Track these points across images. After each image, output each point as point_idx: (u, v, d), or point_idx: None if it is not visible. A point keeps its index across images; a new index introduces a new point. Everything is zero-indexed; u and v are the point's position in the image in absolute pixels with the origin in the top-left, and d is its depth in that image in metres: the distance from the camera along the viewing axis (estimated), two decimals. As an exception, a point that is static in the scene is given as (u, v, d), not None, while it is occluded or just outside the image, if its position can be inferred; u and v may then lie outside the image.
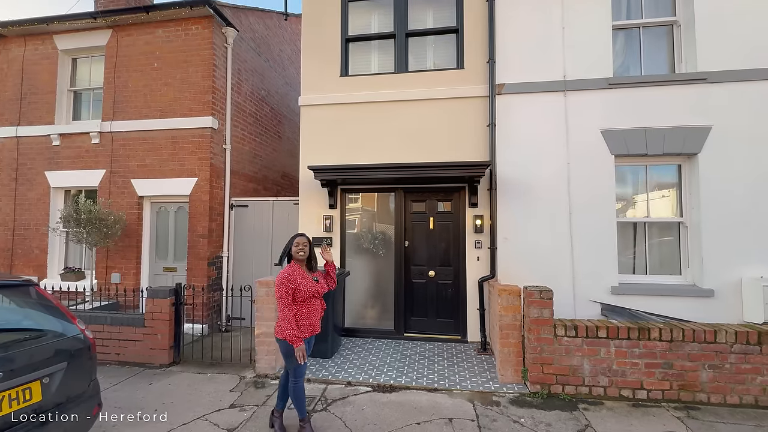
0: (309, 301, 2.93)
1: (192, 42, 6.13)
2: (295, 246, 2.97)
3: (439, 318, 5.34)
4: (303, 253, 2.98)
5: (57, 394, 2.35)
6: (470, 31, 5.34)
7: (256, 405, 3.57)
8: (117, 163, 6.24)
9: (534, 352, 3.73)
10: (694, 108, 4.74)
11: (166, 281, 6.15)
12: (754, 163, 4.59)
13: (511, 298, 3.99)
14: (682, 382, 3.50)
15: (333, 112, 5.62)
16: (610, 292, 4.76)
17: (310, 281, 2.96)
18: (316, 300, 3.00)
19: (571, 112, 4.99)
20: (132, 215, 6.14)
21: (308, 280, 2.95)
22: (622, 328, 3.59)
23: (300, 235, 3.07)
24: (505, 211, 5.04)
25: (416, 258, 5.46)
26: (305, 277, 2.95)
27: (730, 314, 4.50)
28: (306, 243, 3.02)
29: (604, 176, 4.88)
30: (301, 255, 2.97)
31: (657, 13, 5.17)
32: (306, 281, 2.93)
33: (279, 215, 6.38)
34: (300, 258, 2.98)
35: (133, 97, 6.26)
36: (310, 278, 2.97)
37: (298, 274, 2.91)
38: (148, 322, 4.57)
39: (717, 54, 4.73)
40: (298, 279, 2.88)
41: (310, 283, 2.95)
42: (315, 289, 2.95)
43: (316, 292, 2.96)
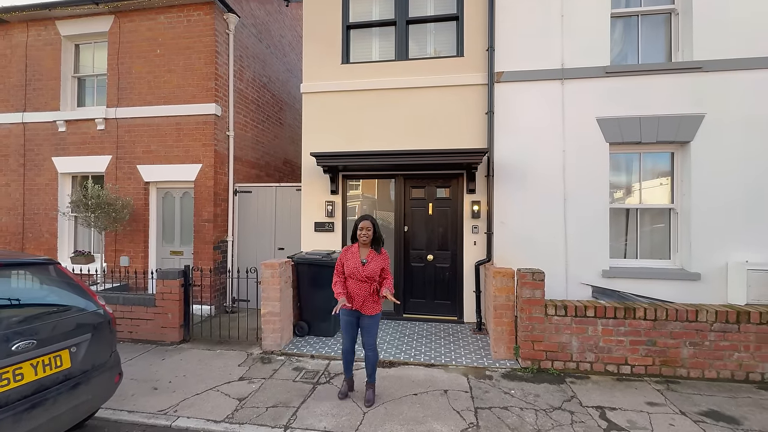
0: (351, 280, 3.15)
1: (194, 28, 6.17)
2: (360, 230, 3.17)
3: (437, 300, 5.56)
4: (366, 237, 3.16)
5: (83, 361, 2.57)
6: (470, 18, 5.39)
7: (263, 378, 3.80)
8: (123, 149, 6.36)
9: (526, 330, 3.95)
10: (689, 96, 4.84)
11: (173, 264, 6.35)
12: (745, 151, 4.72)
13: (505, 280, 4.18)
14: (664, 358, 3.72)
15: (334, 100, 5.71)
16: (601, 276, 4.95)
17: (357, 262, 3.14)
18: (358, 282, 3.13)
19: (568, 100, 5.09)
20: (139, 200, 6.30)
21: (356, 260, 3.14)
22: (609, 307, 3.79)
23: (364, 218, 3.20)
24: (502, 197, 5.19)
25: (415, 242, 5.64)
26: (355, 257, 3.17)
27: (716, 297, 4.70)
28: (369, 228, 3.15)
29: (599, 164, 5.01)
30: (364, 240, 3.16)
31: (656, 1, 5.20)
32: (353, 261, 3.15)
33: (282, 201, 6.54)
34: (363, 242, 3.17)
35: (136, 84, 6.35)
36: (358, 259, 3.15)
37: (350, 253, 3.20)
38: (158, 302, 4.79)
39: (712, 43, 4.80)
40: (347, 257, 3.19)
41: (356, 263, 3.14)
42: (356, 270, 3.12)
43: (355, 273, 3.11)
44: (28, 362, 2.24)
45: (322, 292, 4.86)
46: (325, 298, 4.86)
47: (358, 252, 3.21)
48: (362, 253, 3.21)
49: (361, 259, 3.17)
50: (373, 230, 3.17)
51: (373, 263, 3.16)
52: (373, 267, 3.14)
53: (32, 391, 2.23)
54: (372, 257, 3.18)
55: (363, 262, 3.15)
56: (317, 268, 4.86)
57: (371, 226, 3.16)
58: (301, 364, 4.15)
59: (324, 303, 4.87)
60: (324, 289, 4.86)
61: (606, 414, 3.11)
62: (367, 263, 3.15)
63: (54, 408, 2.31)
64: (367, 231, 3.15)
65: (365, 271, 3.12)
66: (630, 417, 3.06)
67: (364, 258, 3.17)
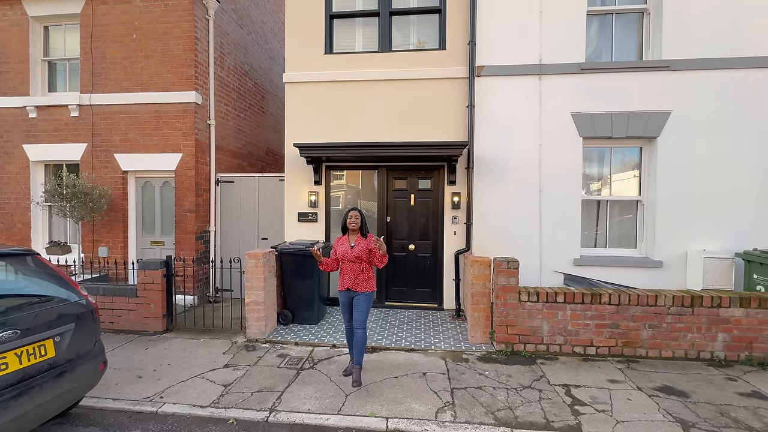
0: (344, 262, 3.57)
1: (172, 13, 6.00)
2: (349, 219, 3.59)
3: (418, 288, 5.74)
4: (354, 224, 3.59)
5: (68, 351, 2.60)
6: (452, 11, 5.46)
7: (248, 365, 3.90)
8: (99, 137, 6.19)
9: (500, 316, 4.17)
10: (657, 94, 5.09)
11: (153, 255, 6.30)
12: (706, 148, 5.02)
13: (482, 268, 4.38)
14: (626, 339, 4.02)
15: (317, 90, 5.72)
16: (573, 264, 5.24)
17: (346, 245, 3.58)
18: (348, 263, 3.55)
19: (545, 95, 5.26)
20: (117, 190, 6.17)
21: (345, 244, 3.59)
22: (578, 293, 4.04)
23: (353, 209, 3.65)
24: (481, 189, 5.37)
25: (397, 232, 5.78)
26: (345, 243, 3.60)
27: (676, 283, 5.06)
28: (357, 216, 3.59)
29: (573, 157, 5.24)
30: (353, 226, 3.59)
31: (630, 0, 5.40)
32: (343, 245, 3.60)
33: (265, 191, 6.53)
34: (352, 228, 3.59)
35: (112, 70, 6.15)
36: (347, 243, 3.58)
37: (341, 240, 3.65)
38: (140, 292, 4.78)
39: (680, 42, 5.04)
40: (338, 243, 3.64)
41: (346, 247, 3.57)
42: (345, 252, 3.54)
43: (346, 254, 3.54)
44: (11, 351, 2.27)
45: (305, 281, 4.96)
46: (309, 287, 4.98)
47: (348, 239, 3.64)
48: (351, 239, 3.62)
49: (350, 243, 3.59)
50: (360, 218, 3.61)
51: (359, 245, 3.55)
52: (360, 248, 3.54)
53: (18, 380, 2.27)
54: (359, 241, 3.58)
55: (351, 245, 3.57)
56: (301, 258, 4.94)
57: (359, 215, 3.61)
58: (286, 351, 4.26)
59: (308, 291, 4.99)
60: (308, 278, 4.96)
61: (571, 391, 3.36)
62: (355, 246, 3.56)
63: (40, 396, 2.35)
64: (355, 219, 3.59)
65: (354, 252, 3.53)
66: (592, 393, 3.32)
67: (353, 242, 3.59)
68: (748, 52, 4.95)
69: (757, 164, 4.98)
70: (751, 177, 4.99)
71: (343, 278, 3.59)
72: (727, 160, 5.01)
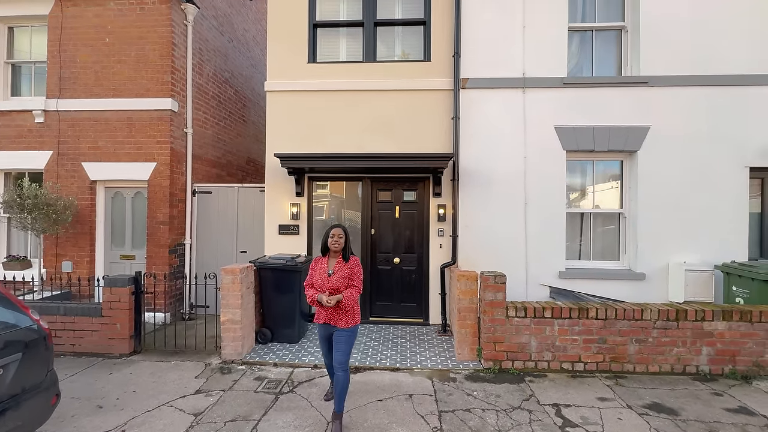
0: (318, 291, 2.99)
1: (148, 17, 5.77)
2: (331, 238, 3.03)
3: (403, 302, 5.59)
4: (337, 245, 3.02)
5: (12, 385, 2.31)
6: (437, 24, 5.46)
7: (222, 390, 3.63)
8: (66, 144, 5.83)
9: (488, 332, 4.06)
10: (636, 109, 5.19)
11: (123, 269, 5.92)
12: (683, 162, 5.13)
13: (469, 283, 4.28)
14: (614, 354, 3.97)
15: (300, 99, 5.58)
16: (558, 276, 5.21)
17: (323, 273, 3.00)
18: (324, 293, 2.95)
19: (529, 108, 5.29)
20: (84, 200, 5.81)
21: (322, 271, 3.02)
22: (565, 308, 3.98)
23: (336, 226, 3.09)
24: (467, 201, 5.31)
25: (382, 245, 5.63)
26: (322, 268, 3.04)
27: (659, 295, 5.09)
28: (341, 235, 3.03)
29: (557, 170, 5.26)
30: (335, 248, 3.03)
31: (608, 18, 5.53)
32: (319, 273, 3.02)
33: (244, 202, 6.29)
34: (334, 250, 3.04)
35: (82, 74, 5.84)
36: (325, 270, 3.02)
37: (318, 264, 3.09)
38: (105, 311, 4.44)
39: (657, 60, 5.18)
40: (315, 268, 3.08)
41: (322, 275, 3.00)
42: (321, 283, 2.97)
43: (320, 286, 2.97)
44: (-58, 389, 1.98)
45: (286, 297, 4.74)
46: (289, 303, 4.75)
47: (327, 263, 3.07)
48: (330, 264, 3.07)
49: (327, 270, 3.03)
50: (345, 238, 3.04)
51: (339, 273, 2.99)
52: (339, 277, 2.97)
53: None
54: (339, 267, 3.03)
55: (329, 273, 3.01)
56: (281, 273, 4.72)
57: (343, 234, 3.04)
58: (264, 373, 4.01)
59: (288, 308, 4.76)
60: (288, 293, 4.74)
61: (561, 411, 3.26)
62: (333, 274, 3.00)
63: (-25, 439, 2.06)
64: (339, 238, 3.02)
65: (330, 283, 2.95)
66: (583, 413, 3.22)
67: (332, 269, 3.03)
68: (719, 70, 5.12)
69: (731, 178, 5.11)
70: (725, 191, 5.11)
71: (319, 309, 3.02)
72: (703, 173, 5.12)
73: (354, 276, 3.03)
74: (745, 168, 5.09)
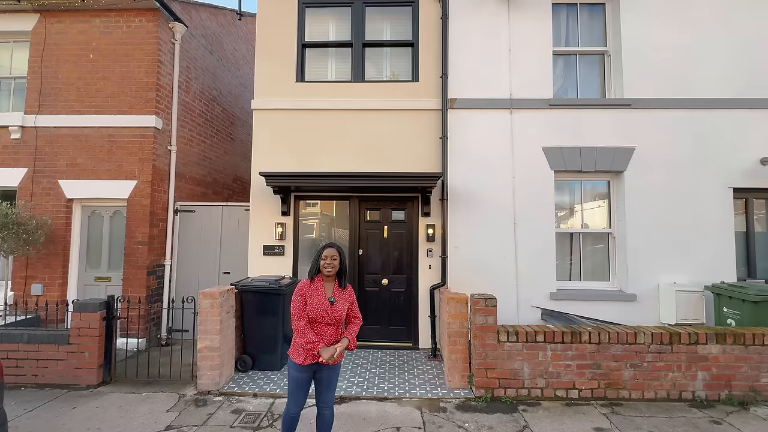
0: (317, 325, 2.56)
1: (135, 35, 5.72)
2: (323, 260, 2.61)
3: (392, 326, 5.40)
4: (332, 268, 2.61)
5: (-49, 428, 2.06)
6: (425, 46, 5.52)
7: (195, 425, 3.36)
8: (42, 161, 5.63)
9: (479, 358, 3.90)
10: (620, 130, 5.26)
11: (98, 292, 5.62)
12: (667, 182, 5.18)
13: (459, 306, 4.14)
14: (608, 380, 3.83)
15: (287, 118, 5.52)
16: (549, 298, 5.11)
17: (324, 301, 2.57)
18: (324, 326, 2.57)
19: (517, 128, 5.32)
20: (59, 220, 5.55)
21: (322, 298, 2.57)
22: (557, 332, 3.86)
23: (329, 246, 2.69)
24: (456, 221, 5.24)
25: (370, 266, 5.48)
26: (320, 294, 2.59)
27: (650, 316, 5.02)
28: (335, 257, 2.62)
29: (545, 189, 5.25)
30: (329, 271, 2.61)
31: (591, 42, 5.68)
32: (318, 299, 2.56)
33: (229, 221, 6.11)
34: (327, 274, 2.62)
35: (63, 90, 5.70)
36: (325, 297, 2.59)
37: (314, 289, 2.60)
38: (73, 338, 4.15)
39: (639, 83, 5.30)
40: (311, 294, 2.58)
41: (323, 303, 2.56)
42: (323, 311, 2.53)
43: (323, 315, 2.53)
44: None
45: (268, 322, 4.52)
46: (272, 328, 4.54)
47: (323, 288, 2.62)
48: (327, 289, 2.64)
49: (328, 297, 2.60)
50: (339, 260, 2.64)
51: (341, 301, 2.62)
52: (342, 306, 2.61)
53: None
54: (338, 294, 2.64)
55: (331, 300, 2.59)
56: (264, 296, 4.52)
57: (337, 255, 2.63)
58: (242, 405, 3.75)
59: (271, 333, 4.54)
60: (271, 317, 4.53)
61: (557, 444, 3.09)
62: (336, 302, 2.59)
63: None
64: (333, 260, 2.61)
65: (335, 312, 2.55)
66: (579, 446, 3.06)
67: (331, 295, 2.62)
68: (699, 94, 5.25)
69: (715, 199, 5.16)
70: (709, 211, 5.15)
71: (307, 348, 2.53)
72: (687, 194, 5.16)
73: (353, 305, 2.71)
74: (729, 188, 5.15)
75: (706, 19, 5.31)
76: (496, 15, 5.42)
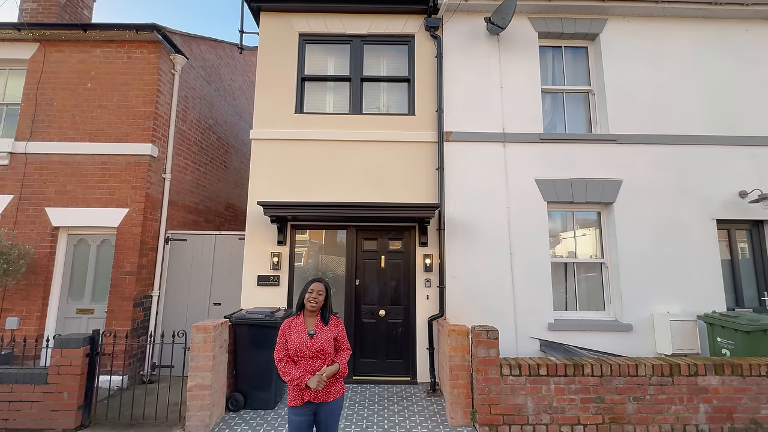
0: (301, 361, 2.53)
1: (135, 65, 5.79)
2: (309, 293, 2.66)
3: (389, 359, 5.25)
4: (315, 303, 2.65)
5: None
6: (421, 81, 5.75)
7: (184, 473, 3.12)
8: (29, 188, 5.47)
9: (482, 393, 3.80)
10: (608, 164, 5.49)
11: (78, 325, 5.34)
12: (654, 213, 5.36)
13: (460, 339, 4.08)
14: (613, 415, 3.77)
15: (286, 148, 5.57)
16: (547, 329, 5.09)
17: (303, 334, 2.56)
18: (308, 360, 2.52)
19: (510, 161, 5.49)
20: (42, 249, 5.34)
21: (302, 333, 2.57)
22: (560, 365, 3.82)
23: (316, 280, 2.74)
24: (453, 251, 5.26)
25: (367, 297, 5.40)
26: (300, 329, 2.59)
27: (647, 346, 5.04)
28: (321, 292, 2.67)
29: (539, 220, 5.36)
30: (312, 306, 2.64)
31: (576, 81, 6.01)
32: (297, 334, 2.56)
33: (222, 251, 5.98)
34: (310, 308, 2.66)
35: (58, 117, 5.66)
36: (304, 331, 2.58)
37: (293, 326, 2.62)
38: (52, 377, 3.88)
39: (623, 120, 5.59)
40: (290, 330, 2.59)
41: (302, 337, 2.55)
42: (302, 345, 2.52)
43: (303, 349, 2.51)
44: None
45: (262, 356, 4.34)
46: (267, 363, 4.34)
47: (304, 323, 2.64)
48: (308, 323, 2.65)
49: (308, 330, 2.61)
50: (324, 295, 2.69)
51: (322, 333, 2.61)
52: (323, 338, 2.59)
53: None
54: (320, 327, 2.65)
55: (311, 333, 2.59)
56: (258, 329, 4.37)
57: (323, 290, 2.69)
58: (234, 448, 3.52)
59: (265, 368, 4.35)
60: (265, 350, 4.35)
61: (567, 485, 2.98)
62: (316, 334, 2.59)
63: None
64: (318, 295, 2.66)
65: (315, 344, 2.54)
66: (590, 487, 2.96)
67: (312, 329, 2.63)
68: (679, 130, 5.55)
69: (699, 229, 5.34)
70: (695, 241, 5.31)
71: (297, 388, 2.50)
72: (674, 225, 5.34)
73: (340, 337, 2.71)
74: (713, 220, 5.37)
75: (679, 63, 5.73)
76: (488, 55, 5.73)
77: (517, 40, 5.76)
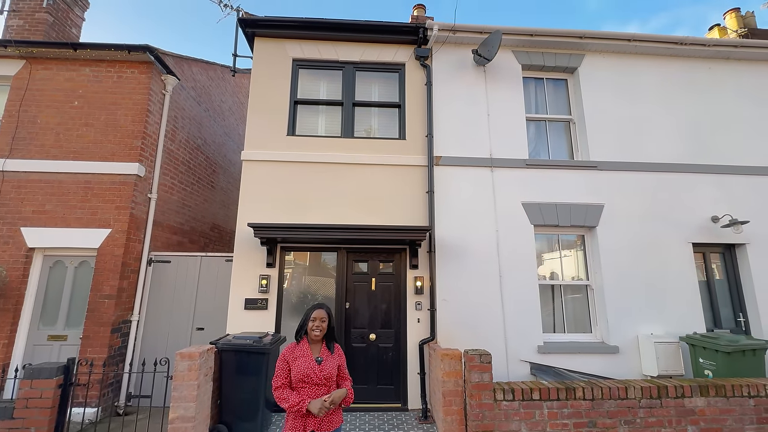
0: (305, 388, 2.44)
1: (126, 85, 5.75)
2: (312, 321, 2.58)
3: (380, 385, 5.13)
4: (320, 331, 2.57)
5: None
6: (411, 107, 5.93)
7: None
8: (5, 207, 5.24)
9: (476, 419, 3.75)
10: (590, 189, 5.72)
11: (50, 353, 5.03)
12: (635, 237, 5.58)
13: (454, 363, 4.05)
14: (605, 439, 3.78)
15: (277, 170, 5.57)
16: (537, 351, 5.12)
17: (310, 361, 2.49)
18: (313, 388, 2.45)
19: (498, 185, 5.65)
20: (15, 271, 5.07)
21: (309, 359, 2.50)
22: (552, 389, 3.83)
23: (319, 306, 2.66)
24: (444, 274, 5.29)
25: (357, 320, 5.32)
26: (305, 356, 2.51)
27: (633, 368, 5.13)
28: (324, 319, 2.60)
29: (526, 242, 5.48)
30: (316, 334, 2.57)
31: (557, 111, 6.32)
32: (303, 361, 2.48)
33: (207, 273, 5.82)
34: (314, 338, 2.59)
35: (40, 135, 5.51)
36: (311, 357, 2.52)
37: (298, 351, 2.54)
38: (19, 412, 3.61)
39: (602, 147, 5.88)
40: (295, 356, 2.51)
41: (309, 363, 2.48)
42: (310, 371, 2.44)
43: (310, 375, 2.43)
44: None
45: (249, 384, 4.18)
46: (253, 391, 4.19)
47: (309, 350, 2.56)
48: (314, 350, 2.59)
49: (315, 357, 2.54)
50: (327, 322, 2.62)
51: (329, 361, 2.55)
52: (330, 365, 2.53)
53: None
54: (326, 354, 2.58)
55: (318, 360, 2.52)
56: (246, 356, 4.22)
57: (326, 317, 2.61)
58: (218, 486, 3.32)
59: (251, 397, 4.18)
60: (252, 377, 4.19)
61: None
62: (323, 361, 2.52)
63: None
64: (321, 322, 2.58)
65: (324, 371, 2.47)
66: None
67: (318, 354, 2.56)
68: (652, 158, 5.87)
69: (676, 253, 5.57)
70: (674, 264, 5.53)
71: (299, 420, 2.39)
72: (653, 249, 5.56)
73: (342, 366, 2.63)
74: (689, 243, 5.62)
75: (651, 97, 6.13)
76: (475, 84, 5.99)
77: (503, 71, 6.06)
